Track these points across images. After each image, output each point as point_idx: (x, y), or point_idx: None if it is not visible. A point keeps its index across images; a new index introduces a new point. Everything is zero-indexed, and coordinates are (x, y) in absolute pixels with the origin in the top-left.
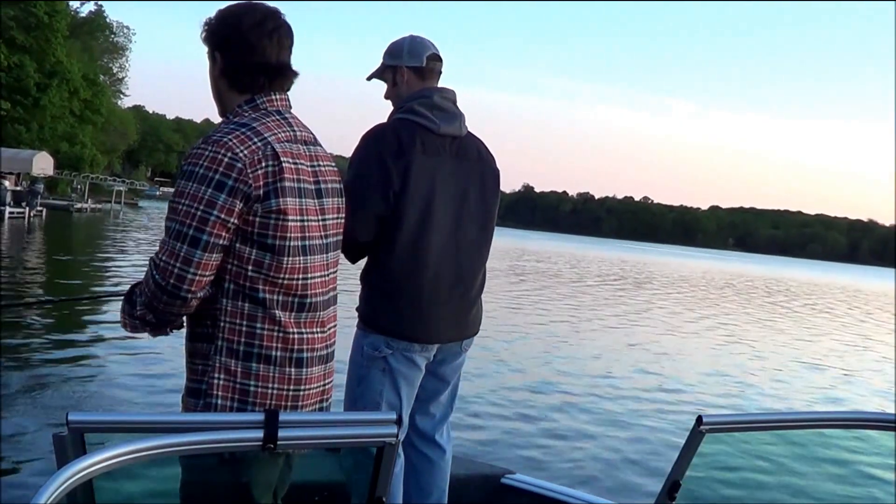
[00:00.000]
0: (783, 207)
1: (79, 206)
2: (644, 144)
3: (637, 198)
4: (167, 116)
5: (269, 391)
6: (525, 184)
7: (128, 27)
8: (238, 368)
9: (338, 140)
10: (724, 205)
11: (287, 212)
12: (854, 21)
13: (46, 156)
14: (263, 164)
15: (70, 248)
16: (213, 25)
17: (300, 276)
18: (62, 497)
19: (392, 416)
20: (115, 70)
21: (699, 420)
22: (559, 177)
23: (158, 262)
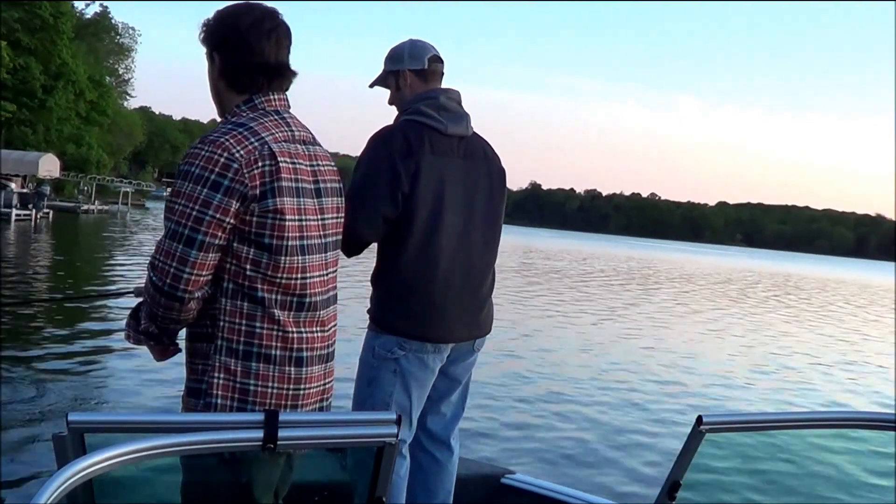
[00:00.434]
0: (791, 203)
1: (85, 208)
2: (651, 141)
3: (644, 194)
4: (174, 117)
5: (269, 390)
6: (532, 181)
7: (133, 28)
8: (238, 368)
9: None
10: (732, 201)
11: (284, 211)
12: (860, 18)
13: (52, 158)
14: (260, 164)
15: (77, 250)
16: (212, 26)
17: (298, 276)
18: (62, 497)
19: (392, 416)
20: (121, 71)
21: (699, 420)
22: (566, 174)
23: (155, 263)
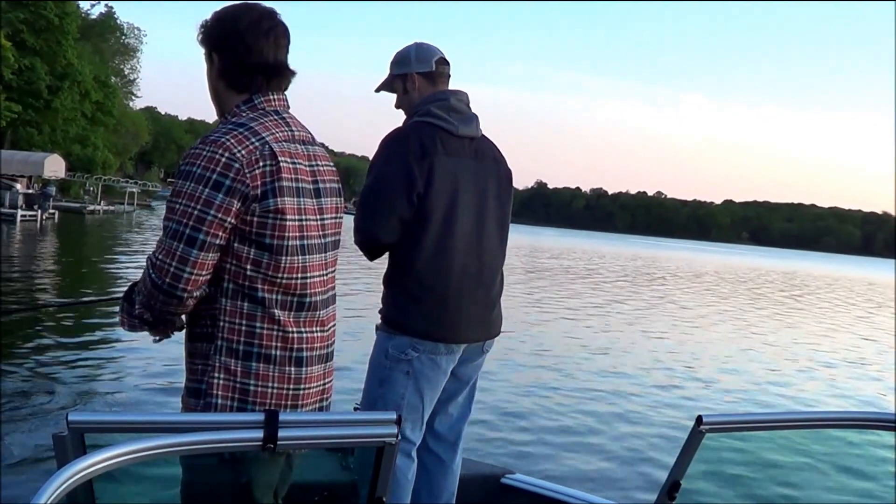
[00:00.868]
0: (797, 200)
1: (91, 208)
2: (657, 139)
3: (650, 193)
4: (179, 117)
5: (269, 390)
6: (538, 180)
7: (139, 28)
8: (238, 368)
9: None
10: (738, 199)
11: (285, 211)
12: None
13: (58, 158)
14: (261, 164)
15: (82, 251)
16: (210, 26)
17: (299, 276)
18: (62, 497)
19: (392, 416)
20: (127, 71)
21: (699, 420)
22: (572, 173)
23: (155, 261)
